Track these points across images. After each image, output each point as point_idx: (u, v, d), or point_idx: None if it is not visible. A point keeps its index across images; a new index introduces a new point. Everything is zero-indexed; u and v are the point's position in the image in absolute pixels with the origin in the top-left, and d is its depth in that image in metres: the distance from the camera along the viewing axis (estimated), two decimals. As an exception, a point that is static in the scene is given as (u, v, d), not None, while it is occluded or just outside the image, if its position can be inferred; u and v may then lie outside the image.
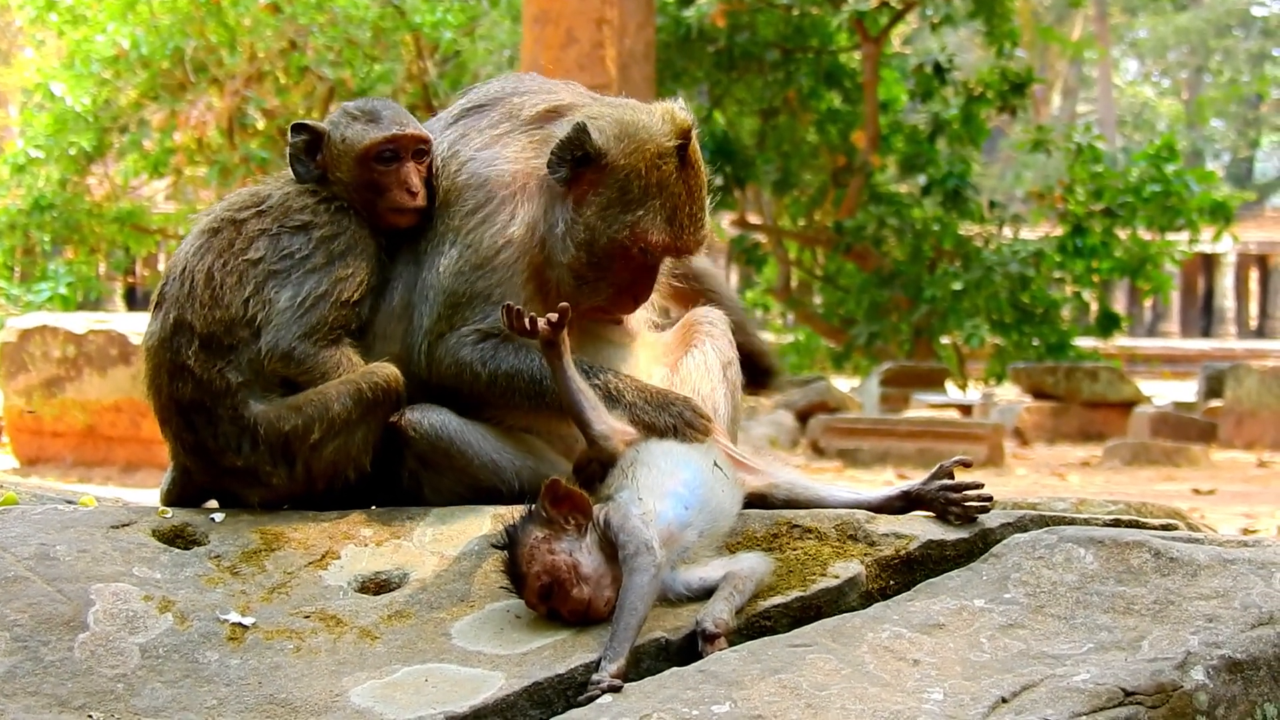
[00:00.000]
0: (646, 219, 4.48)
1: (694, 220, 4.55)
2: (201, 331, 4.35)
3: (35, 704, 3.49)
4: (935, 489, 4.17)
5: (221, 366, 4.34)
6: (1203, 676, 3.37)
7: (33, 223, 27.29)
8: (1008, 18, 30.63)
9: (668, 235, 4.50)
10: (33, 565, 3.92)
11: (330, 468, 4.40)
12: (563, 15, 18.72)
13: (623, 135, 4.51)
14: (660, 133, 4.51)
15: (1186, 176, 31.21)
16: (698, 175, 4.59)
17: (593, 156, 4.47)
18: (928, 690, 3.37)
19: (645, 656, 3.62)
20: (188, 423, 4.40)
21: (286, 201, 4.55)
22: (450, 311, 4.51)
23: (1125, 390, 25.66)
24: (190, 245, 4.49)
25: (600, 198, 4.50)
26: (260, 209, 4.53)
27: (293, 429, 4.33)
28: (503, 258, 4.53)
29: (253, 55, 27.12)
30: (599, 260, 4.52)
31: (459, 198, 4.58)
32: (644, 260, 4.56)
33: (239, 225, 4.48)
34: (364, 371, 4.41)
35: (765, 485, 4.29)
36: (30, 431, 17.24)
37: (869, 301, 31.69)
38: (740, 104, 31.77)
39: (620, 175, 4.48)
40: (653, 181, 4.48)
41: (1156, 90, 76.05)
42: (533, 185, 4.59)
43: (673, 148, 4.50)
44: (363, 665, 3.66)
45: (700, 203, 4.58)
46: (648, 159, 4.47)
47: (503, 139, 4.68)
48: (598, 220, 4.49)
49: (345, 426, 4.35)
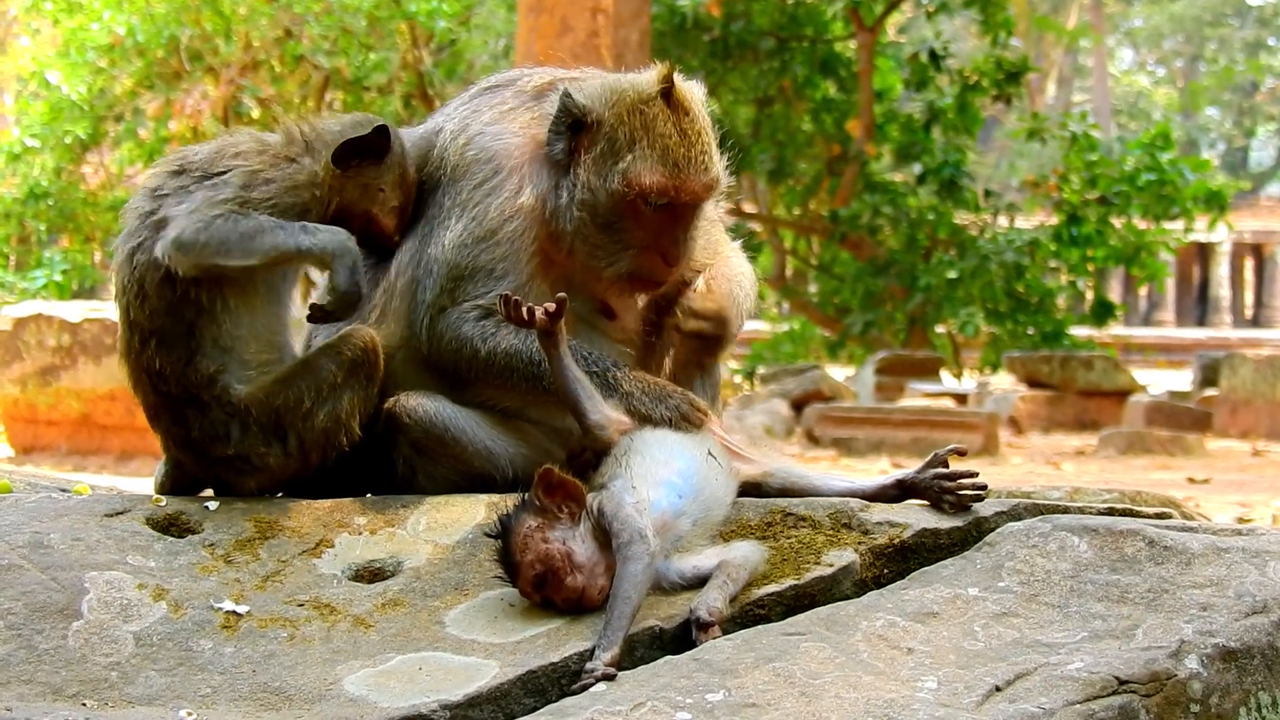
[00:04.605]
0: (637, 163, 4.42)
1: (691, 161, 4.46)
2: (150, 329, 4.30)
3: (29, 692, 3.49)
4: (929, 478, 4.17)
5: (189, 358, 4.29)
6: (1197, 665, 3.37)
7: (28, 211, 27.30)
8: (1003, 6, 30.64)
9: (662, 174, 4.42)
10: (26, 553, 3.92)
11: (323, 436, 4.37)
12: (558, 4, 18.68)
13: (605, 91, 4.50)
14: (642, 83, 4.51)
15: (1181, 165, 31.27)
16: (691, 118, 4.51)
17: (580, 118, 4.46)
18: (922, 679, 3.37)
19: (639, 645, 3.61)
20: (177, 418, 4.38)
21: (213, 158, 4.39)
22: (453, 285, 4.49)
23: (1120, 379, 25.70)
24: (121, 236, 4.41)
25: (591, 155, 4.47)
26: (177, 169, 4.38)
27: (284, 402, 4.31)
28: (509, 229, 4.51)
29: (248, 44, 27.11)
30: (606, 221, 4.47)
31: (466, 172, 4.57)
32: (654, 213, 4.47)
33: (153, 193, 4.35)
34: (341, 336, 4.40)
35: (760, 474, 4.29)
36: (25, 420, 17.24)
37: (864, 290, 31.73)
38: (735, 93, 31.76)
39: (607, 128, 4.46)
40: (637, 125, 4.44)
41: (1152, 79, 76.07)
42: (540, 159, 4.58)
43: (655, 92, 4.47)
44: (357, 654, 3.66)
45: (698, 144, 4.50)
46: (629, 105, 4.46)
47: (509, 114, 4.68)
48: (593, 177, 4.46)
49: (333, 391, 4.34)
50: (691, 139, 4.48)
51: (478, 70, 27.70)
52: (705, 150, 4.51)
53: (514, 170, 4.56)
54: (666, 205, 4.48)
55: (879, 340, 31.55)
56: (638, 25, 19.47)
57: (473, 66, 28.24)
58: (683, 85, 4.54)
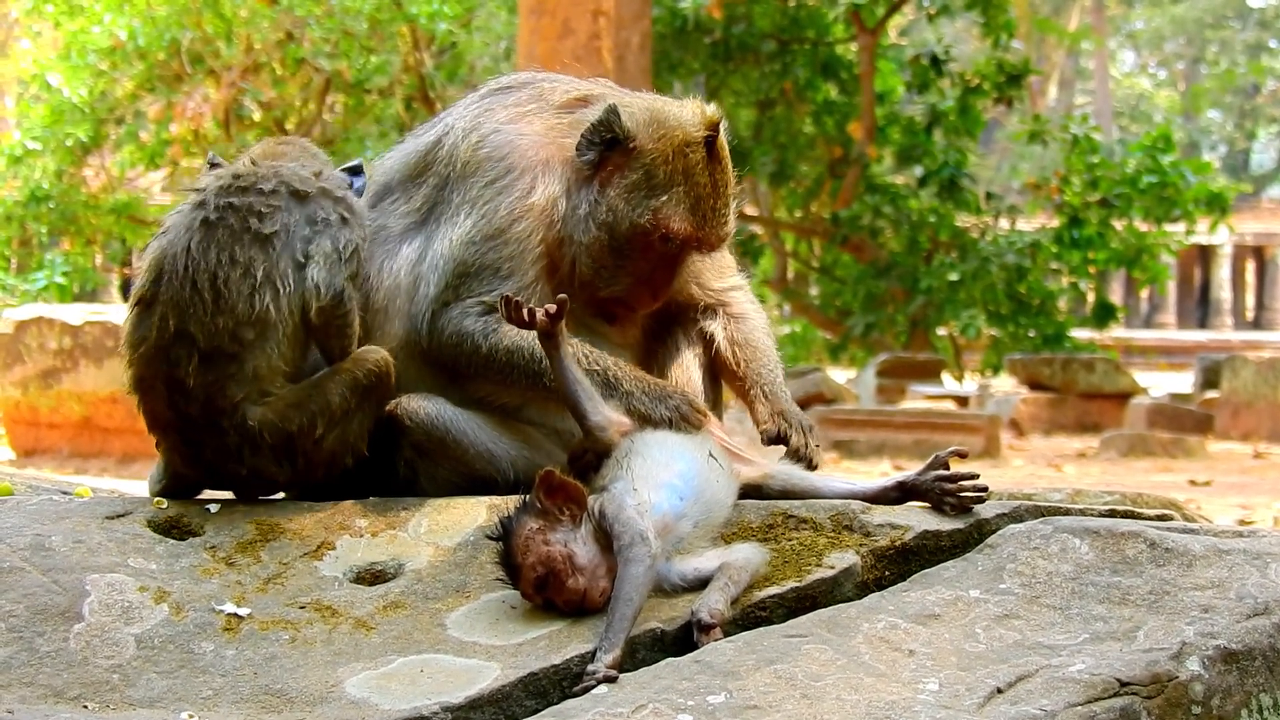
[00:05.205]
0: (670, 204, 4.52)
1: (717, 214, 4.60)
2: (204, 346, 4.19)
3: (31, 694, 3.49)
4: (930, 480, 4.17)
5: (223, 381, 4.20)
6: (1198, 667, 3.37)
7: (29, 214, 27.31)
8: (1004, 8, 30.63)
9: (690, 224, 4.54)
10: (28, 556, 3.92)
11: (329, 456, 4.37)
12: (559, 6, 18.70)
13: (652, 121, 4.57)
14: (690, 123, 4.58)
15: (1183, 167, 31.24)
16: (723, 171, 4.62)
17: (621, 140, 4.52)
18: (923, 680, 3.37)
19: (640, 647, 3.62)
20: (188, 439, 4.30)
21: (289, 175, 4.39)
22: (458, 281, 4.50)
23: (1121, 381, 25.68)
24: (186, 239, 4.26)
25: (626, 180, 4.53)
26: (261, 187, 4.33)
27: (299, 428, 4.28)
28: (518, 229, 4.53)
29: (249, 47, 27.13)
30: (620, 245, 4.54)
31: (478, 169, 4.59)
32: (664, 250, 4.57)
33: (244, 209, 4.27)
34: (354, 359, 4.38)
35: (761, 476, 4.29)
36: (26, 423, 17.25)
37: (865, 293, 31.70)
38: (737, 95, 31.75)
39: (647, 159, 4.53)
40: (678, 168, 4.52)
41: (1153, 81, 76.04)
42: (556, 164, 4.61)
43: (700, 138, 4.55)
44: (358, 656, 3.66)
45: (724, 199, 4.62)
46: (675, 145, 4.53)
47: (528, 117, 4.71)
48: (621, 202, 4.52)
49: (344, 416, 4.33)
50: (721, 191, 4.60)
51: (479, 72, 27.72)
52: (729, 204, 4.64)
53: (526, 170, 4.58)
54: (680, 248, 4.59)
55: (880, 343, 31.52)
56: (639, 28, 19.48)
57: (474, 69, 28.26)
58: (722, 135, 4.62)
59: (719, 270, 4.91)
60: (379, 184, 4.83)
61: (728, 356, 4.79)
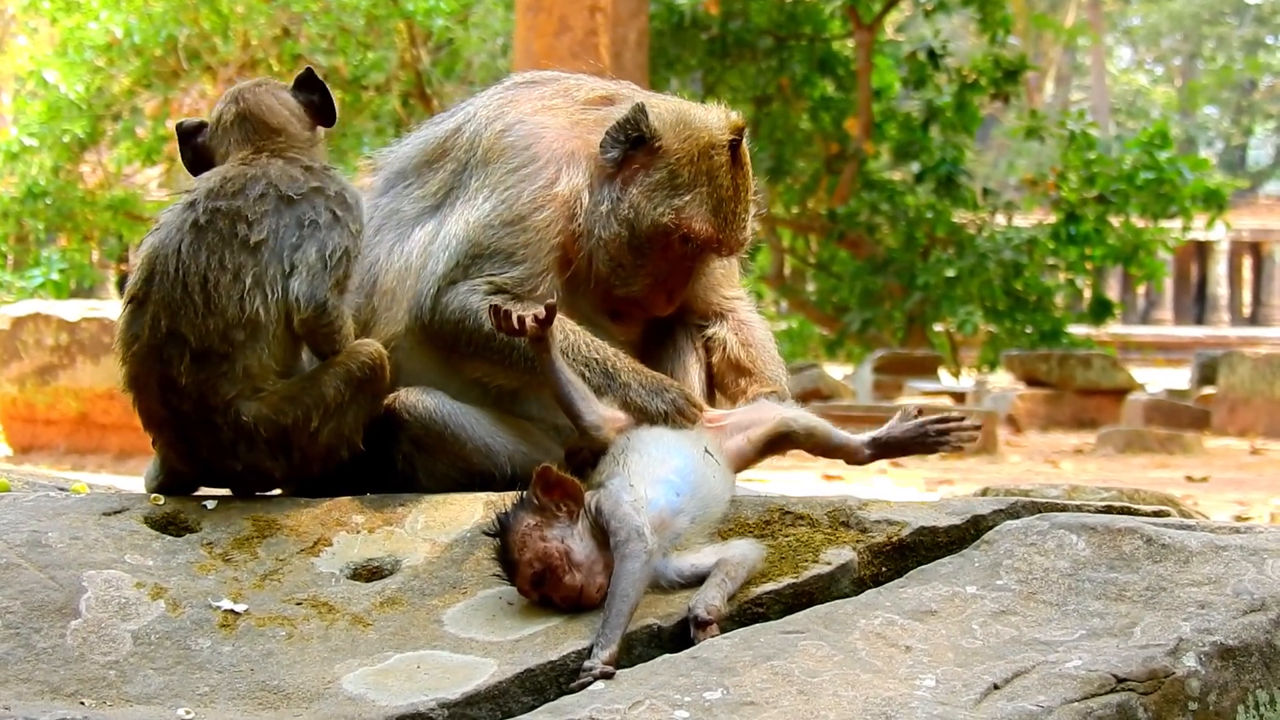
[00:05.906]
0: (692, 205, 4.54)
1: (737, 219, 4.63)
2: (195, 346, 4.19)
3: (27, 691, 3.49)
4: (912, 429, 4.21)
5: (215, 380, 4.20)
6: (1195, 663, 3.37)
7: (26, 210, 27.29)
8: (1001, 4, 30.64)
9: (711, 225, 4.56)
10: (24, 552, 3.92)
11: (325, 450, 4.37)
12: (556, 3, 18.70)
13: (679, 122, 4.60)
14: (715, 126, 4.61)
15: (1180, 164, 31.26)
16: (745, 176, 4.66)
17: (647, 138, 4.54)
18: (920, 677, 3.37)
19: (637, 643, 3.61)
20: (183, 436, 4.31)
21: (278, 177, 4.37)
22: (469, 261, 4.50)
23: (1118, 377, 25.71)
24: (177, 241, 4.25)
25: (649, 179, 4.56)
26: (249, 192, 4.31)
27: (293, 421, 4.28)
28: (539, 218, 4.53)
29: (246, 43, 27.11)
30: (640, 244, 4.55)
31: (501, 156, 4.59)
32: (683, 250, 4.59)
33: (232, 214, 4.26)
34: (348, 352, 4.37)
35: (778, 423, 4.29)
36: (23, 419, 17.24)
37: (862, 289, 31.72)
38: (733, 91, 31.72)
39: (672, 159, 4.56)
40: (702, 170, 4.55)
41: (1150, 77, 76.07)
42: (581, 158, 4.62)
43: (725, 141, 4.58)
44: (355, 652, 3.66)
45: (745, 204, 4.66)
46: (700, 147, 4.56)
47: (554, 110, 4.73)
48: (644, 200, 4.54)
49: (339, 409, 4.33)
50: (742, 195, 4.64)
51: (476, 69, 27.72)
52: (749, 209, 4.68)
53: (551, 161, 4.59)
54: (699, 250, 4.61)
55: (877, 339, 31.55)
56: (636, 24, 19.49)
57: (471, 65, 28.26)
58: (745, 141, 4.66)
59: (731, 279, 4.95)
60: (393, 169, 4.85)
61: (740, 356, 4.80)
